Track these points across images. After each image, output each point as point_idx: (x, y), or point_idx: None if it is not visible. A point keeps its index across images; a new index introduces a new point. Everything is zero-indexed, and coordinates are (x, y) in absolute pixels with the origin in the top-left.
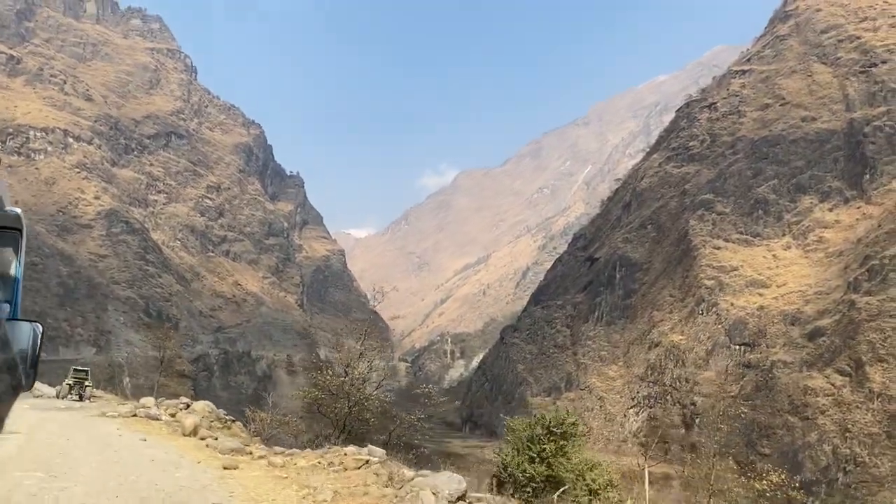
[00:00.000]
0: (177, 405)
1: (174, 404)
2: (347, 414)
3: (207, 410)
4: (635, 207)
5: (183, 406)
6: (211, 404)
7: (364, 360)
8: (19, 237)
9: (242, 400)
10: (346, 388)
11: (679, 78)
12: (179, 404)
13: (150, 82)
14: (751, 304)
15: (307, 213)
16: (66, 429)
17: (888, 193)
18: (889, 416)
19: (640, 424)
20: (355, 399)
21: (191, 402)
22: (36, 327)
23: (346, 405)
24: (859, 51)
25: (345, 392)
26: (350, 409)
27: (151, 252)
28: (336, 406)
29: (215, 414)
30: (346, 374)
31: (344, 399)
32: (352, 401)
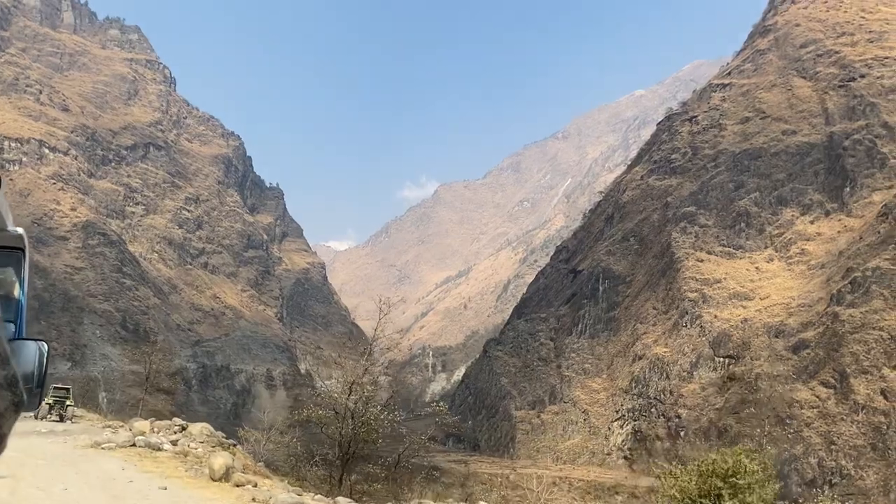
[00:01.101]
0: (170, 426)
1: (166, 426)
2: (353, 435)
3: (206, 433)
4: (618, 220)
5: (178, 429)
6: (209, 426)
7: (368, 377)
8: (22, 257)
9: (221, 414)
10: (351, 407)
11: (657, 92)
12: (174, 426)
13: (128, 93)
14: (734, 316)
15: (287, 225)
16: (58, 468)
17: (868, 206)
18: (874, 429)
19: (624, 437)
20: (363, 419)
21: (186, 425)
22: (41, 346)
23: (352, 425)
24: (838, 65)
25: (350, 412)
26: (356, 430)
27: (128, 264)
28: (341, 426)
29: (216, 438)
30: (351, 392)
31: (349, 419)
32: (358, 421)
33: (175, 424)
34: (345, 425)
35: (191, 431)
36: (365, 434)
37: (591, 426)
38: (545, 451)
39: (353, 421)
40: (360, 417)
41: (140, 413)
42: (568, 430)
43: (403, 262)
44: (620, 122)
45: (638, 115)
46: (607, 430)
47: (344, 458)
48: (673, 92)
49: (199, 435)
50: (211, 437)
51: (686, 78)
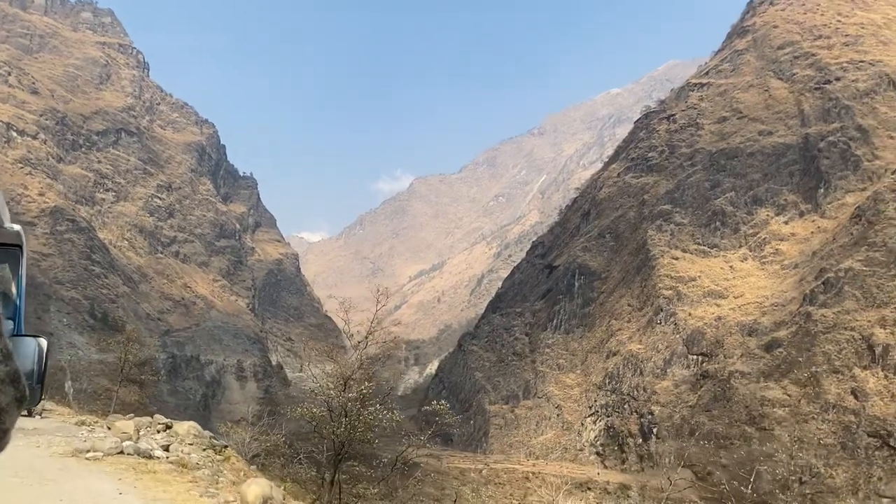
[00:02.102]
0: (152, 424)
1: (147, 423)
2: (349, 435)
3: (194, 433)
4: (594, 217)
5: (162, 427)
6: (196, 425)
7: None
8: (20, 254)
9: (191, 405)
10: (348, 405)
11: (633, 91)
12: (156, 424)
13: (99, 77)
14: (708, 314)
15: (260, 215)
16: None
17: (841, 208)
18: (844, 428)
19: (597, 433)
20: (363, 419)
21: (170, 423)
22: (41, 342)
23: (346, 424)
24: (814, 67)
25: (347, 410)
26: (353, 430)
27: (98, 252)
28: (336, 426)
29: (206, 439)
30: (345, 388)
31: (344, 418)
32: (354, 419)
33: (158, 422)
34: (339, 424)
35: (177, 431)
36: (362, 434)
37: (564, 422)
38: (518, 445)
39: (347, 419)
40: (357, 416)
41: (112, 407)
42: (541, 425)
43: (377, 254)
44: (596, 119)
45: (613, 113)
46: (580, 426)
47: (336, 458)
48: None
49: (186, 435)
50: (200, 438)
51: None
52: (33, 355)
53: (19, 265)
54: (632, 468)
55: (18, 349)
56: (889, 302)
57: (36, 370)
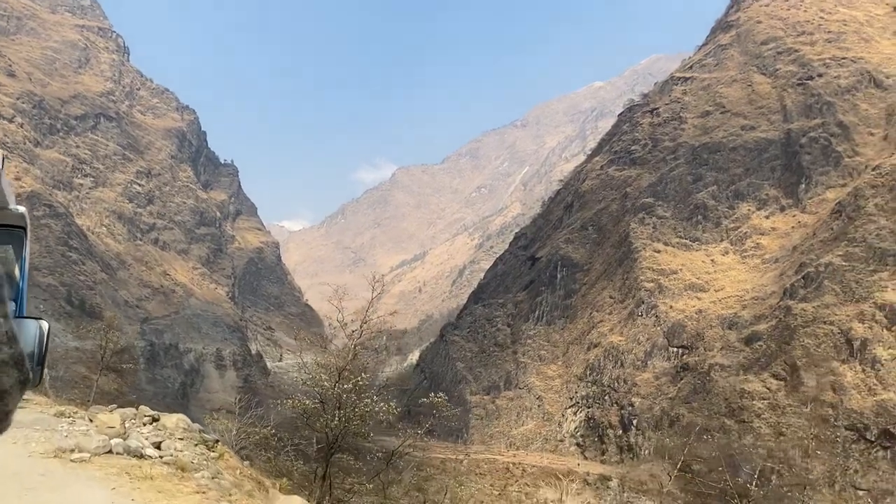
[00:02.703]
0: (136, 416)
1: (132, 415)
2: (344, 428)
3: (183, 427)
4: (577, 209)
5: (148, 420)
6: (185, 418)
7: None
8: (24, 235)
9: (169, 394)
10: (343, 397)
11: (615, 84)
12: (142, 416)
13: (78, 61)
14: (689, 307)
15: (241, 202)
16: None
17: (822, 203)
18: (822, 420)
19: (577, 424)
20: (359, 411)
21: (157, 415)
22: (42, 325)
23: (342, 417)
24: (797, 63)
25: (342, 402)
26: (347, 423)
27: (75, 238)
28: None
29: (196, 434)
30: (339, 379)
31: (338, 410)
32: (350, 413)
33: (143, 414)
34: (333, 416)
35: (164, 424)
36: (357, 427)
37: (545, 412)
38: (499, 436)
39: (341, 412)
40: (353, 409)
41: (92, 396)
42: (522, 415)
43: (358, 244)
44: (578, 112)
45: (596, 106)
46: (561, 417)
47: (328, 452)
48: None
49: (175, 429)
50: (189, 432)
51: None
52: (35, 338)
53: (23, 247)
54: (611, 459)
55: (20, 331)
56: (868, 297)
57: (37, 353)
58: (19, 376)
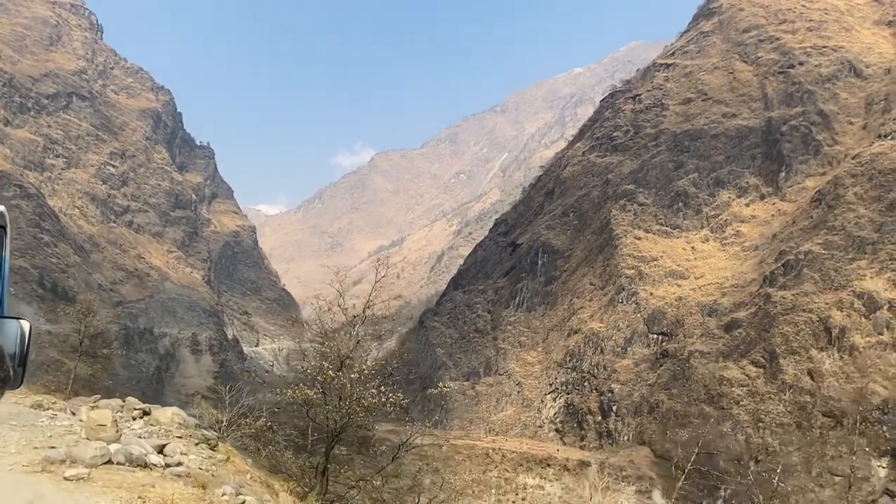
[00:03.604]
0: (123, 408)
1: (118, 407)
2: (348, 420)
3: (178, 421)
4: (558, 195)
5: (138, 414)
6: (180, 412)
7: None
8: (3, 234)
9: (143, 378)
10: (348, 387)
11: (595, 71)
12: (131, 409)
13: (50, 38)
14: (669, 294)
15: (217, 185)
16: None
17: (802, 191)
18: (799, 407)
19: (556, 410)
20: (365, 403)
21: (148, 409)
22: (23, 324)
23: (347, 408)
24: (779, 51)
25: (346, 393)
26: (351, 415)
27: (47, 219)
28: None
29: (199, 434)
30: (341, 368)
31: (341, 401)
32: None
33: (132, 407)
34: (338, 407)
35: (158, 419)
36: (362, 419)
37: (524, 398)
38: (478, 422)
39: (342, 403)
40: (358, 399)
41: (70, 384)
42: (501, 401)
43: (336, 229)
44: (558, 99)
45: (575, 92)
46: (540, 403)
47: (329, 445)
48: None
49: (169, 424)
50: (186, 428)
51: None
52: (16, 337)
53: (3, 246)
54: (590, 445)
55: (1, 331)
56: (846, 285)
57: (18, 352)
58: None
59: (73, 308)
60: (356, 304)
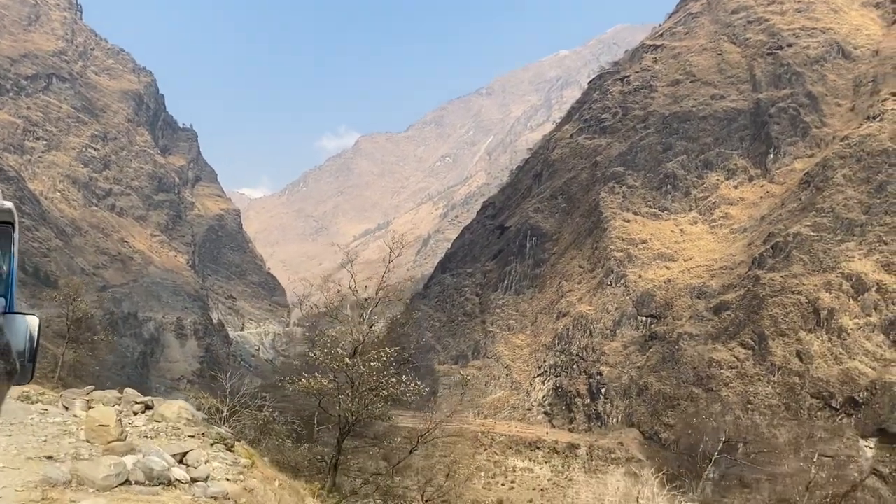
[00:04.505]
0: (121, 401)
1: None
2: (366, 411)
3: (186, 416)
4: (546, 178)
5: (140, 408)
6: (186, 406)
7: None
8: (12, 231)
9: (128, 363)
10: (365, 376)
11: (581, 54)
12: (131, 402)
13: (28, 18)
14: (658, 276)
15: (200, 168)
16: None
17: (790, 173)
18: (788, 389)
19: (545, 393)
20: (383, 392)
21: (150, 402)
22: (32, 320)
23: (366, 398)
24: (767, 33)
25: (364, 382)
26: (370, 405)
27: (28, 203)
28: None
29: (214, 433)
30: (354, 354)
31: (354, 391)
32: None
33: (132, 400)
34: (356, 398)
35: (163, 414)
36: (381, 410)
37: (513, 381)
38: (467, 405)
39: (364, 392)
40: (375, 389)
41: (58, 372)
42: (490, 384)
43: (321, 212)
44: (544, 81)
45: (561, 75)
46: (529, 386)
47: (341, 437)
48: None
49: (176, 420)
50: (194, 424)
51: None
52: (25, 333)
53: (11, 243)
54: (579, 428)
55: (11, 327)
56: (835, 267)
57: (28, 348)
58: (5, 367)
59: (59, 292)
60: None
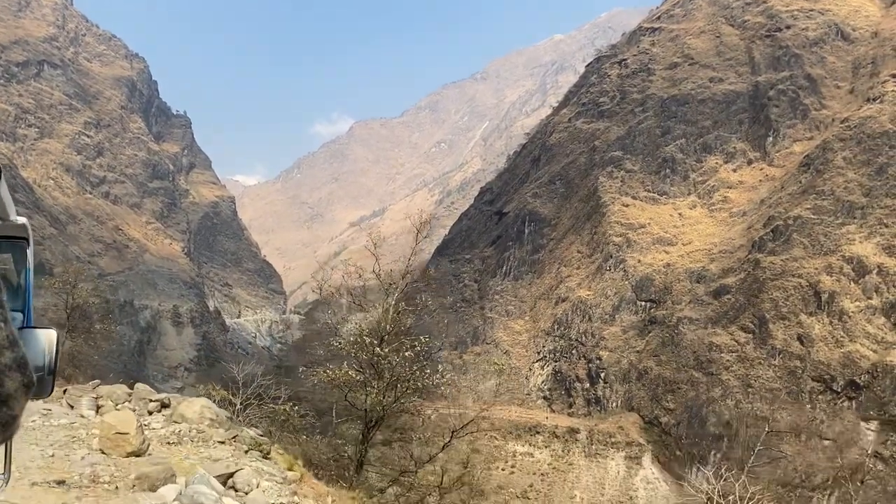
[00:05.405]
0: (132, 397)
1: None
2: (398, 404)
3: (210, 416)
4: (544, 162)
5: (156, 407)
6: (210, 405)
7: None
8: (26, 246)
9: (125, 352)
10: (396, 367)
11: (575, 38)
12: (144, 398)
13: (18, 4)
14: (657, 261)
15: (195, 155)
16: None
17: (789, 156)
18: (789, 373)
19: (544, 378)
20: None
21: (167, 399)
22: (51, 334)
23: (399, 390)
24: (765, 15)
25: (395, 373)
26: (398, 398)
27: (21, 191)
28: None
29: (249, 438)
30: (382, 342)
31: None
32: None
33: (146, 398)
34: (389, 390)
35: (183, 414)
36: (412, 402)
37: (512, 367)
38: (466, 391)
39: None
40: (411, 382)
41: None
42: (489, 370)
43: (316, 199)
44: (539, 66)
45: (556, 60)
46: (528, 371)
47: (366, 432)
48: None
49: (199, 421)
50: (218, 425)
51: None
52: (44, 347)
53: (26, 259)
54: (579, 412)
55: (29, 342)
56: (836, 250)
57: (47, 362)
58: (23, 380)
59: (56, 279)
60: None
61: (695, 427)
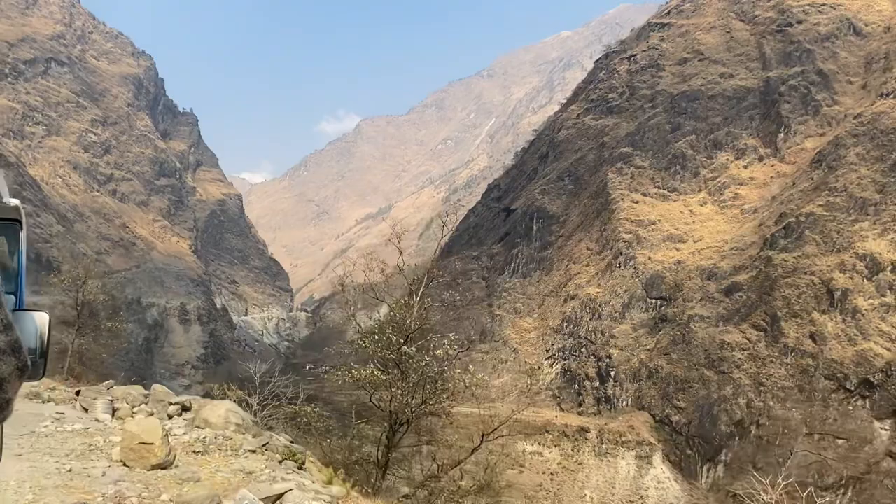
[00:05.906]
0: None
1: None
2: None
3: (235, 422)
4: (552, 159)
5: (176, 411)
6: (235, 408)
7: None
8: (19, 228)
9: (132, 349)
10: (425, 368)
11: (583, 34)
12: (162, 401)
13: (25, 1)
14: (668, 258)
15: (201, 153)
16: None
17: (801, 152)
18: (801, 371)
19: (554, 376)
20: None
21: (188, 403)
22: (42, 316)
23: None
24: (776, 10)
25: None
26: (427, 400)
27: (28, 188)
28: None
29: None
30: (408, 341)
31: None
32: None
33: (164, 401)
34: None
35: (206, 419)
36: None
37: (521, 365)
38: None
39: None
40: (440, 382)
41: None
42: (497, 368)
43: (322, 197)
44: (546, 63)
45: (563, 56)
46: (537, 369)
47: (391, 436)
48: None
49: (223, 426)
50: (245, 431)
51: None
52: (36, 330)
53: (19, 240)
54: (588, 411)
55: (21, 324)
56: (849, 247)
57: (39, 345)
58: (17, 363)
59: (65, 276)
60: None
61: (706, 426)
